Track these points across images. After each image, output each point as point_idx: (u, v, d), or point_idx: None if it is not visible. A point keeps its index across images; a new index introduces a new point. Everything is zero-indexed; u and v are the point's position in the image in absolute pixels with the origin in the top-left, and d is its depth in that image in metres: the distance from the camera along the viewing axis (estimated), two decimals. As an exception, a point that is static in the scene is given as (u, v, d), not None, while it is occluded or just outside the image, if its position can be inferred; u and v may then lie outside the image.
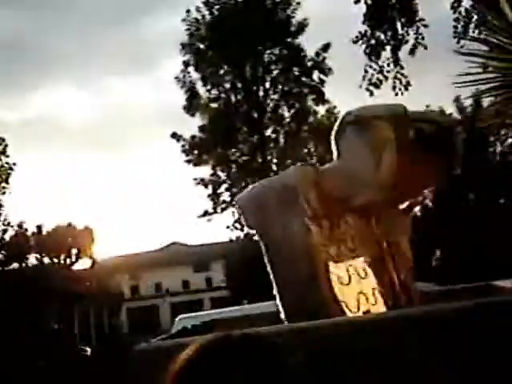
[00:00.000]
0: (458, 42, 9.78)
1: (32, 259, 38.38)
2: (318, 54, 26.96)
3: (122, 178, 72.11)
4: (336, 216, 2.58)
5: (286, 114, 28.15)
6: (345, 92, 42.65)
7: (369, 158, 2.56)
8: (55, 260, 39.90)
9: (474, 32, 9.51)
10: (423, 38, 10.86)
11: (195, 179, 28.00)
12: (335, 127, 2.73)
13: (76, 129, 58.77)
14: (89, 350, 19.29)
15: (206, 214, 27.79)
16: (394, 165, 2.52)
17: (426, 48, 10.91)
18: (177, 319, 9.23)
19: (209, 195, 28.11)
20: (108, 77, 66.64)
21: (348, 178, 2.61)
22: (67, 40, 57.85)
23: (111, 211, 73.84)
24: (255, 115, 27.40)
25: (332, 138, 2.75)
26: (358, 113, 2.72)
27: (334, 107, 29.29)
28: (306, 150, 29.24)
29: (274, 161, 28.62)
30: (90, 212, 71.83)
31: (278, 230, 2.57)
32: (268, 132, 28.10)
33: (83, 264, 40.19)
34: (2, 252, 35.21)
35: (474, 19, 9.78)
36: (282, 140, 28.44)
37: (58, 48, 57.61)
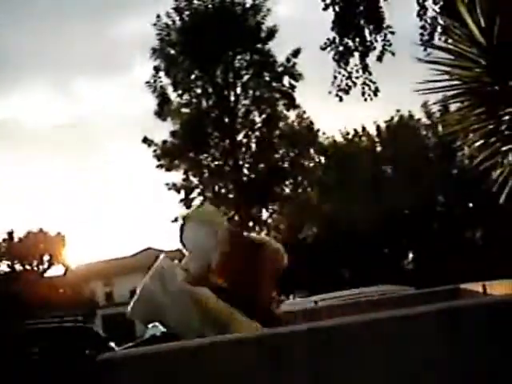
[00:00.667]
0: (424, 50, 9.99)
1: (3, 266, 38.07)
2: (288, 60, 27.12)
3: (94, 182, 71.56)
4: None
5: (257, 119, 28.26)
6: (315, 98, 43.08)
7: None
8: (27, 267, 39.52)
9: (440, 39, 9.72)
10: (390, 45, 11.08)
11: (167, 184, 27.97)
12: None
13: (47, 132, 58.26)
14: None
15: (177, 219, 27.71)
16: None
17: (393, 54, 11.12)
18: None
19: (181, 200, 28.06)
20: (79, 79, 66.17)
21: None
22: (36, 41, 57.41)
23: (84, 217, 73.20)
24: (226, 120, 27.47)
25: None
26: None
27: (304, 112, 29.54)
28: (276, 155, 29.38)
29: (246, 165, 28.69)
30: (62, 218, 71.16)
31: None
32: (239, 137, 28.16)
33: (56, 271, 39.88)
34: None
35: (439, 27, 9.99)
36: (253, 145, 28.53)
37: (28, 49, 57.23)
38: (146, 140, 27.50)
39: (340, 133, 33.89)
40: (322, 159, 34.18)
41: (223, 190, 28.75)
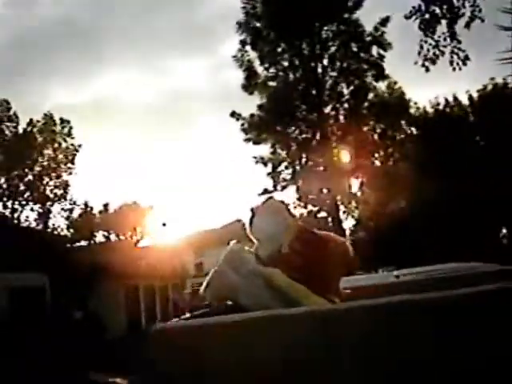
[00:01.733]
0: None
1: (99, 237, 39.73)
2: (376, 29, 26.50)
3: (184, 157, 72.98)
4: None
5: (345, 91, 27.84)
6: (403, 68, 41.90)
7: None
8: (122, 238, 41.07)
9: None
10: (480, 11, 10.54)
11: (255, 157, 28.15)
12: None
13: (138, 109, 59.73)
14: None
15: (265, 192, 27.87)
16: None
17: (482, 21, 10.58)
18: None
19: (268, 173, 28.19)
20: (167, 57, 67.24)
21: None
22: (124, 21, 58.72)
23: (176, 190, 74.88)
24: (314, 92, 27.21)
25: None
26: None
27: (395, 83, 28.86)
28: (366, 127, 28.93)
29: (334, 138, 28.42)
30: (155, 191, 73.04)
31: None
32: (327, 109, 27.86)
33: (148, 241, 41.20)
34: (71, 230, 36.52)
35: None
36: (341, 117, 28.17)
37: (116, 30, 58.62)
38: (233, 114, 27.73)
39: (430, 103, 32.89)
40: (414, 130, 33.36)
41: (311, 163, 28.64)
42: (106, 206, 42.10)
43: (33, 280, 19.73)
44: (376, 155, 30.65)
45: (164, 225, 40.15)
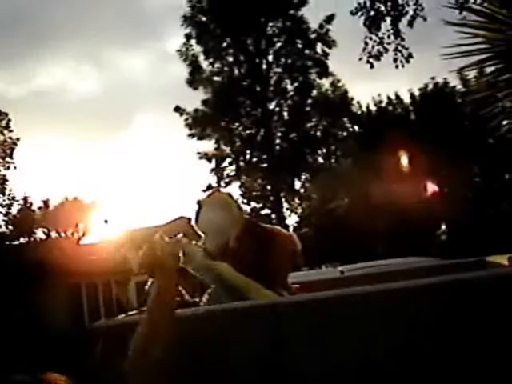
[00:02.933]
0: (460, 13, 9.65)
1: (40, 234, 38.82)
2: (321, 26, 26.75)
3: (127, 152, 72.15)
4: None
5: (290, 88, 28.04)
6: (346, 65, 42.40)
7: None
8: (62, 235, 40.24)
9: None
10: (422, 9, 10.72)
11: (199, 153, 28.02)
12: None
13: (79, 102, 58.55)
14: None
15: (209, 187, 27.80)
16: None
17: (425, 20, 10.77)
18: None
19: (212, 169, 28.12)
20: (110, 49, 66.04)
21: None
22: (68, 11, 57.53)
23: (117, 186, 73.93)
24: (258, 88, 27.29)
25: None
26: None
27: (338, 80, 29.14)
28: (309, 124, 29.14)
29: (278, 134, 28.54)
30: (97, 187, 71.96)
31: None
32: (271, 105, 28.02)
33: (90, 239, 40.53)
34: (9, 227, 35.53)
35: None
36: (285, 113, 28.33)
37: (58, 20, 57.32)
38: (177, 109, 27.53)
39: (373, 101, 33.34)
40: (356, 128, 33.76)
41: (255, 159, 28.70)
42: (46, 201, 41.15)
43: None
44: (319, 152, 30.83)
45: (106, 221, 39.58)
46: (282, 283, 2.87)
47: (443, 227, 32.19)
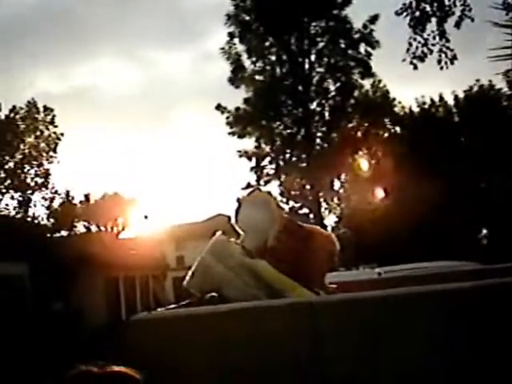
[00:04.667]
0: (506, 14, 9.47)
1: (80, 227, 39.43)
2: (365, 27, 26.52)
3: (167, 149, 72.75)
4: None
5: (332, 88, 27.89)
6: (389, 66, 41.96)
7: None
8: (102, 229, 40.80)
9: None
10: (470, 10, 10.54)
11: (239, 151, 28.09)
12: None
13: (121, 99, 59.38)
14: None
15: (248, 186, 27.82)
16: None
17: (472, 20, 10.58)
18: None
19: (252, 168, 28.16)
20: (152, 47, 66.88)
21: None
22: (110, 10, 58.29)
23: (158, 183, 74.59)
24: (300, 88, 27.23)
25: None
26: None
27: (379, 81, 28.90)
28: (350, 124, 28.98)
29: (319, 134, 28.44)
30: (137, 183, 72.69)
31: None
32: (313, 105, 27.93)
33: (129, 233, 41.03)
34: (51, 220, 36.18)
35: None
36: (326, 113, 28.20)
37: (101, 18, 58.14)
38: (219, 107, 27.63)
39: (416, 102, 32.97)
40: (398, 129, 33.44)
41: (294, 159, 28.66)
42: (87, 196, 41.72)
43: (12, 269, 19.56)
44: (360, 153, 30.64)
45: (146, 217, 40.04)
46: (319, 282, 2.89)
47: (484, 231, 31.68)
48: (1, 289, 17.84)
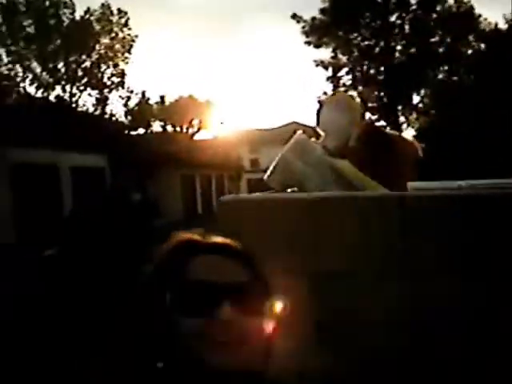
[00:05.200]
0: None
1: (156, 127, 40.57)
2: None
3: (243, 55, 72.36)
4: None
5: (413, 1, 27.18)
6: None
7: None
8: (178, 129, 41.68)
9: None
10: None
11: (315, 61, 28.10)
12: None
13: (197, 2, 58.74)
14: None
15: (325, 95, 27.93)
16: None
17: None
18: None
19: (328, 78, 28.16)
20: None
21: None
22: None
23: (232, 87, 74.41)
24: (379, 0, 26.69)
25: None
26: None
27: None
28: (432, 39, 28.30)
29: (398, 48, 28.00)
30: (212, 86, 72.64)
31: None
32: (392, 18, 27.39)
33: (204, 135, 42.02)
34: (128, 117, 37.41)
35: None
36: (406, 27, 27.63)
37: None
38: (294, 16, 27.50)
39: (504, 19, 31.68)
40: (482, 46, 32.36)
41: (372, 71, 28.41)
42: (162, 97, 42.34)
43: (93, 161, 20.74)
44: (441, 68, 29.99)
45: (221, 123, 40.64)
46: (400, 188, 2.79)
47: None
48: (83, 179, 19.22)
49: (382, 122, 29.49)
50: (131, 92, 37.55)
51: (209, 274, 1.06)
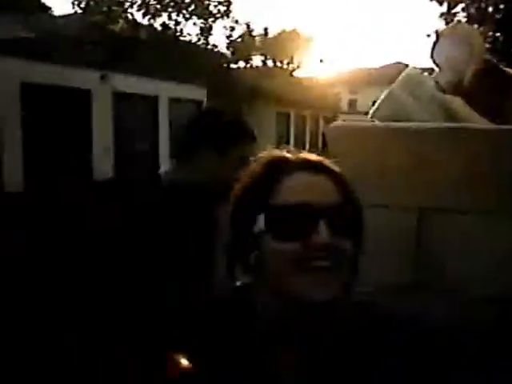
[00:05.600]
0: None
1: (256, 61, 40.14)
2: None
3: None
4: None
5: None
6: None
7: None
8: (278, 64, 41.25)
9: None
10: None
11: (429, -5, 26.43)
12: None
13: None
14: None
15: (436, 33, 26.37)
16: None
17: None
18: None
19: (442, 14, 26.55)
20: None
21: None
22: None
23: (337, 24, 72.93)
24: None
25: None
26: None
27: None
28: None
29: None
30: (315, 22, 71.62)
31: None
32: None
33: (304, 73, 41.19)
34: (230, 49, 37.02)
35: None
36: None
37: None
38: None
39: None
40: None
41: (491, 9, 26.59)
42: (265, 30, 41.84)
43: (192, 92, 20.57)
44: None
45: (321, 61, 39.63)
46: None
47: None
48: (181, 110, 18.98)
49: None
50: (236, 22, 37.19)
51: (303, 193, 0.97)
